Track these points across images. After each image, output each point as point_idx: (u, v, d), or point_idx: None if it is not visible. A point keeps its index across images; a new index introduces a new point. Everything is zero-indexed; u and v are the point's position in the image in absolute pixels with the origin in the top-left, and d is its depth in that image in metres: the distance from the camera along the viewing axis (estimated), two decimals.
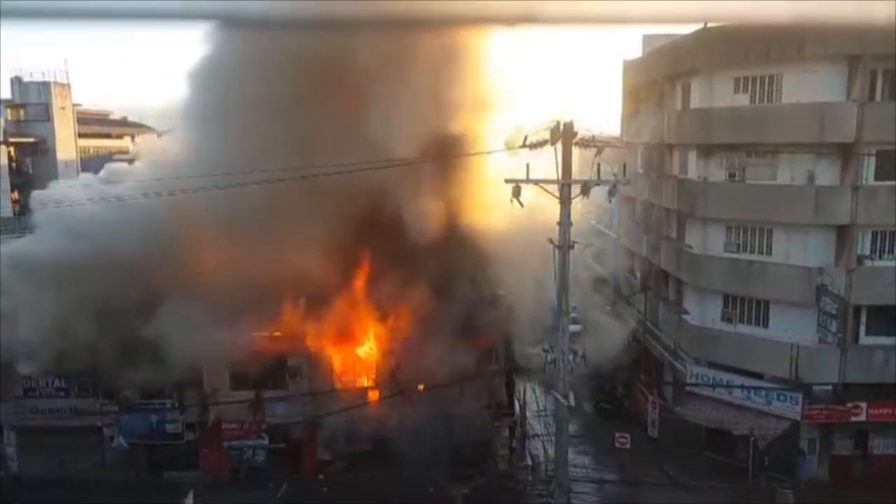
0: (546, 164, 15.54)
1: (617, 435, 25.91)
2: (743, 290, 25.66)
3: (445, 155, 23.08)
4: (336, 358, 25.39)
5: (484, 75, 24.25)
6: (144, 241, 22.61)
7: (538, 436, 28.29)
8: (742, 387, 24.84)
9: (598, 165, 15.71)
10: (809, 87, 23.52)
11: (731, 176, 25.61)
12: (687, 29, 25.89)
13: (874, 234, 23.75)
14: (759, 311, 25.43)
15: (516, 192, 14.84)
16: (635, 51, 34.28)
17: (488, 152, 22.72)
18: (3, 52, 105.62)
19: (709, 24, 23.24)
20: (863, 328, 24.04)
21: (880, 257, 23.76)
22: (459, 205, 24.80)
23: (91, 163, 47.01)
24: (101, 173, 31.57)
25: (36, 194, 28.56)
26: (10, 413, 24.83)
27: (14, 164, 45.72)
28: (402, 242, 23.04)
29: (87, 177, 33.57)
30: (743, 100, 25.07)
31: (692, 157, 27.02)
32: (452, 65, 23.02)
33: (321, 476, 24.78)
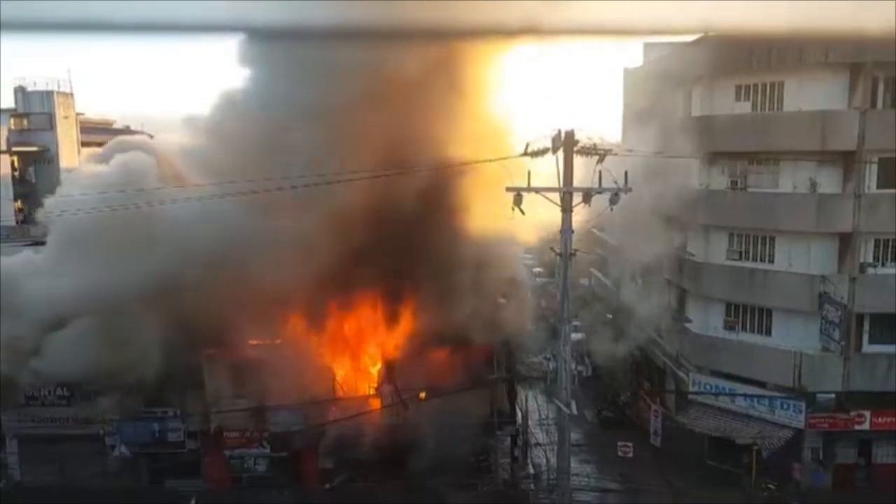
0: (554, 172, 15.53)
1: (620, 444, 25.80)
2: (745, 298, 25.61)
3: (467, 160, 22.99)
4: (338, 366, 25.37)
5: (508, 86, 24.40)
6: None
7: (540, 444, 28.22)
8: (745, 395, 24.77)
9: (600, 173, 15.72)
10: (811, 95, 23.57)
11: (734, 183, 25.62)
12: (688, 38, 25.93)
13: (877, 242, 23.73)
14: (761, 320, 25.39)
15: (517, 201, 14.92)
16: (636, 59, 34.39)
17: (504, 158, 22.71)
18: (8, 62, 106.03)
19: (710, 33, 23.28)
20: (866, 336, 23.99)
21: (883, 265, 23.73)
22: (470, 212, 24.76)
23: None
24: (109, 145, 29.93)
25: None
26: (12, 421, 24.78)
27: (17, 174, 45.80)
28: (418, 249, 22.85)
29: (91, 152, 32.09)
30: (744, 108, 25.11)
31: (694, 164, 27.03)
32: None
33: (326, 485, 24.69)
